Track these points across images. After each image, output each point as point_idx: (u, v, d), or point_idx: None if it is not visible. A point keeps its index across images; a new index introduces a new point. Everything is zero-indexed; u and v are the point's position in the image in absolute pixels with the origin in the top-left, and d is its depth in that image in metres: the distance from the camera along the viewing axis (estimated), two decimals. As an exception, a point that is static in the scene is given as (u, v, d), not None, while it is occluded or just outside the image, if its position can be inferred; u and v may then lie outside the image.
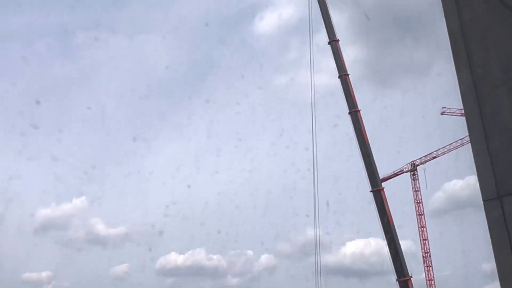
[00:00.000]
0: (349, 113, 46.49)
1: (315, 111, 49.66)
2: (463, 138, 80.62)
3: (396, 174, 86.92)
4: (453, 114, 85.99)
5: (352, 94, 46.50)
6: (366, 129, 46.01)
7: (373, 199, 44.29)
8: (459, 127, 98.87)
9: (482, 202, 2.36)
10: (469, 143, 2.76)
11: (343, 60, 48.10)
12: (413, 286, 42.45)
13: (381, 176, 46.75)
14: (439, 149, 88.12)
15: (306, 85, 53.65)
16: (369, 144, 45.66)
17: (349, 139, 47.46)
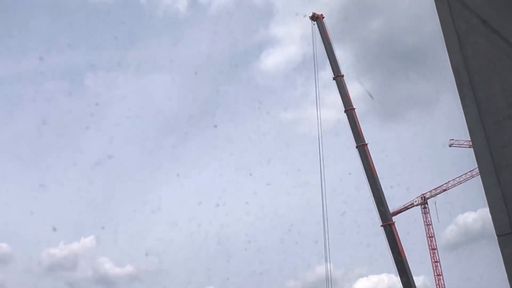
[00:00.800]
0: (357, 147, 46.42)
1: (322, 145, 49.60)
2: (473, 170, 79.38)
3: (406, 208, 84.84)
4: (461, 146, 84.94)
5: (358, 128, 46.54)
6: (374, 163, 45.80)
7: (384, 233, 43.38)
8: (468, 158, 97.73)
9: (496, 236, 2.30)
10: (479, 175, 2.63)
11: (348, 95, 48.54)
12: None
13: (391, 209, 46.04)
14: (449, 181, 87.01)
15: (313, 120, 54.08)
16: (378, 178, 45.18)
17: (358, 173, 47.08)
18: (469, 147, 76.18)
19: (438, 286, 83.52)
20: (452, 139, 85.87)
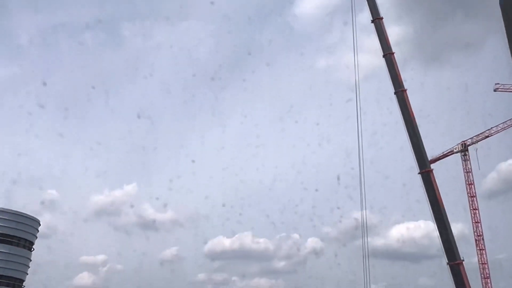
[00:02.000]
0: (395, 93, 44.04)
1: (359, 92, 47.58)
2: None
3: (445, 155, 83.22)
4: (507, 90, 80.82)
5: (397, 73, 44.24)
6: (413, 109, 43.36)
7: (422, 181, 41.74)
8: None
9: None
10: None
11: (387, 38, 46.08)
12: (465, 270, 39.84)
13: (430, 157, 44.20)
14: (491, 127, 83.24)
15: (350, 66, 51.36)
16: (416, 124, 43.11)
17: (396, 120, 44.80)
18: None
19: (476, 233, 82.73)
20: (498, 83, 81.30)
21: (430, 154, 49.68)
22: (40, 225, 43.11)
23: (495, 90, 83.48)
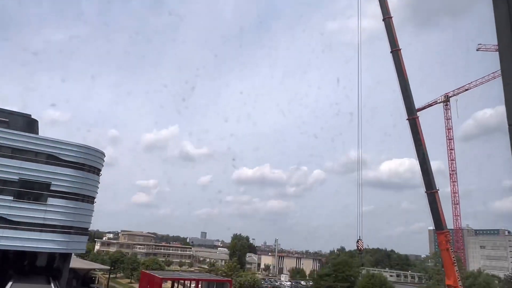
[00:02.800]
0: (391, 52, 46.66)
1: (361, 51, 50.23)
2: (495, 72, 76.05)
3: (430, 105, 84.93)
4: (488, 50, 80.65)
5: (394, 34, 45.72)
6: (406, 66, 46.25)
7: (409, 126, 45.52)
8: (492, 62, 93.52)
9: (507, 126, 2.23)
10: (501, 75, 2.51)
11: (387, 4, 46.71)
12: (439, 197, 44.25)
13: (417, 106, 47.17)
14: (471, 82, 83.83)
15: (355, 29, 53.90)
16: (407, 79, 45.85)
17: (391, 75, 47.94)
18: (495, 51, 71.71)
19: (450, 168, 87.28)
20: (480, 44, 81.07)
21: (418, 104, 52.55)
22: (105, 156, 47.27)
23: (477, 50, 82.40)
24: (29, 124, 47.60)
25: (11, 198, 39.51)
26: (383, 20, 47.10)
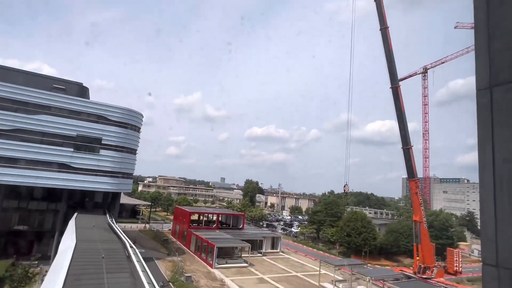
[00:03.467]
0: (380, 30, 44.50)
1: (354, 27, 48.13)
2: (469, 47, 72.36)
3: (410, 76, 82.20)
4: (465, 27, 76.15)
5: (383, 13, 43.12)
6: (392, 42, 44.26)
7: (392, 93, 44.52)
8: (468, 38, 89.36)
9: (475, 92, 2.16)
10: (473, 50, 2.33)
11: None
12: (413, 152, 44.33)
13: (399, 77, 45.66)
14: (447, 56, 79.91)
15: (350, 8, 51.11)
16: (392, 53, 44.11)
17: (379, 50, 46.26)
18: (471, 28, 67.74)
19: (423, 129, 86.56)
20: (458, 22, 76.30)
21: (400, 74, 50.56)
22: (143, 117, 47.37)
23: (455, 27, 78.39)
24: (81, 90, 47.76)
25: (71, 150, 40.70)
26: (375, 0, 44.26)
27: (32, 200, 42.32)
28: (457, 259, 51.30)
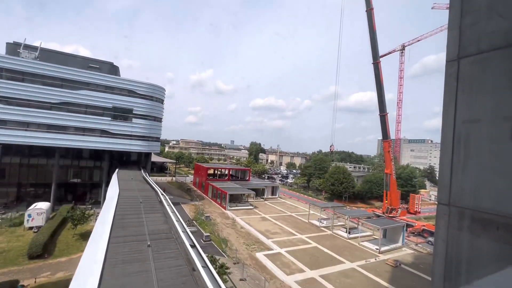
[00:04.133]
0: (366, 11, 41.60)
1: (344, 7, 45.02)
2: (443, 26, 67.73)
3: (390, 53, 77.94)
4: (441, 8, 70.60)
5: None
6: (376, 22, 41.53)
7: (373, 68, 42.81)
8: (442, 18, 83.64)
9: (445, 63, 2.05)
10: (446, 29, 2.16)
11: None
12: (388, 118, 43.79)
13: (380, 53, 43.67)
14: (423, 34, 75.07)
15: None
16: (376, 32, 41.74)
17: (364, 29, 43.53)
18: (446, 9, 62.97)
19: (398, 98, 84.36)
20: (435, 3, 70.54)
21: (381, 51, 48.02)
22: (165, 90, 46.11)
23: (432, 8, 73.10)
24: (112, 69, 46.50)
25: (109, 119, 40.71)
26: (363, -17, 40.65)
27: (82, 159, 43.37)
28: (417, 202, 53.00)
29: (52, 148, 38.01)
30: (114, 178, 31.62)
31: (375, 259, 26.06)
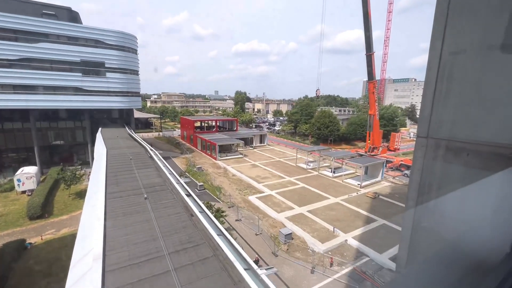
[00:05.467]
0: None
1: None
2: None
3: None
4: None
5: None
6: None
7: (361, 2, 39.80)
8: None
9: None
10: None
11: None
12: (374, 58, 42.94)
13: None
14: None
15: None
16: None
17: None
18: None
19: (385, 36, 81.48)
20: None
21: None
22: (137, 39, 42.19)
23: None
24: (72, 16, 40.83)
25: (80, 74, 37.64)
26: None
27: (60, 120, 41.45)
28: (397, 140, 56.22)
29: (25, 110, 35.71)
30: (99, 137, 30.97)
31: (357, 193, 28.77)
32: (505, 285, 0.86)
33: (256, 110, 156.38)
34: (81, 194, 29.47)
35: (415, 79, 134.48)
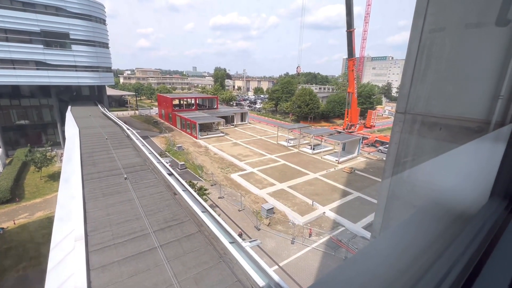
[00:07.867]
0: None
1: None
2: None
3: None
4: None
5: None
6: None
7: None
8: None
9: None
10: None
11: None
12: (355, 35, 42.88)
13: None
14: None
15: None
16: None
17: None
18: None
19: (366, 12, 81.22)
20: None
21: None
22: (104, 7, 38.68)
23: None
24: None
25: (41, 46, 34.13)
26: None
27: (23, 98, 38.04)
28: (373, 117, 58.44)
29: (-22, 86, 32.27)
30: (69, 116, 29.08)
31: (335, 169, 30.12)
32: (483, 229, 0.96)
33: (236, 87, 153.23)
34: (54, 177, 28.13)
35: (392, 57, 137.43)
